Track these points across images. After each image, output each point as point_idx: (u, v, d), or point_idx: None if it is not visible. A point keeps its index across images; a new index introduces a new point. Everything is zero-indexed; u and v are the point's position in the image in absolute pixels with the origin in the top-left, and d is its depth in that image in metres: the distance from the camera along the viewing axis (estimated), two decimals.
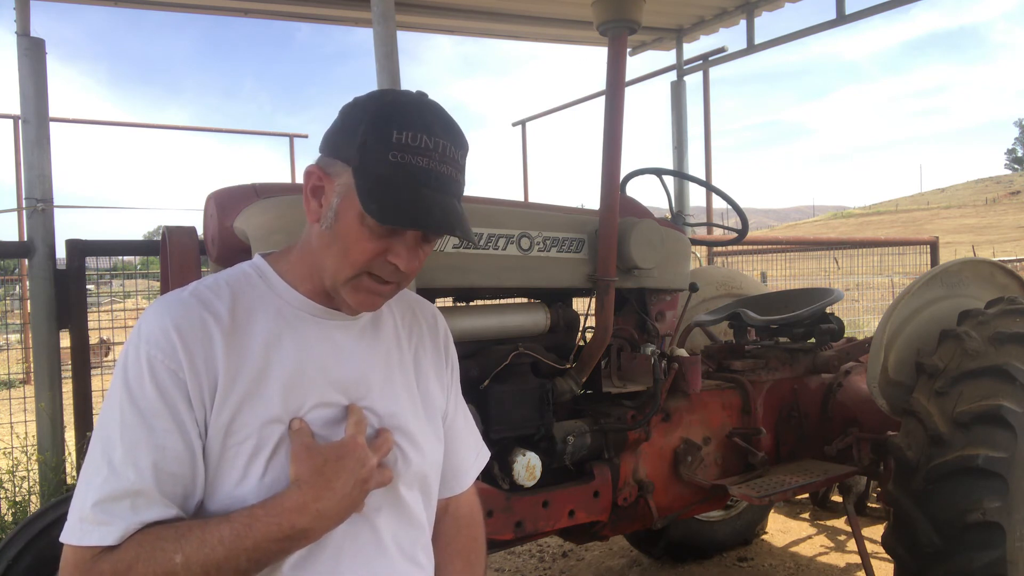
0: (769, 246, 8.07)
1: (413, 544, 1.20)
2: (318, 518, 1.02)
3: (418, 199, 1.04)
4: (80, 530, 0.98)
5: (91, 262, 4.23)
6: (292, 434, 1.06)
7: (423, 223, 1.05)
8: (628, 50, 3.72)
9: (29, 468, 3.66)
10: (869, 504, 4.07)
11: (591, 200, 2.81)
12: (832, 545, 3.80)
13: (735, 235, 3.25)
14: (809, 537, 3.93)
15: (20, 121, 3.81)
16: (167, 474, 1.00)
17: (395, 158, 1.04)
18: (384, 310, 1.25)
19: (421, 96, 1.11)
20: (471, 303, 2.56)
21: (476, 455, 1.41)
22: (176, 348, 1.03)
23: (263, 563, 1.01)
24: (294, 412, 1.08)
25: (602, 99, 2.35)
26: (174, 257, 2.06)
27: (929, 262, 7.11)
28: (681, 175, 4.19)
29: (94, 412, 3.60)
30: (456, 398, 1.36)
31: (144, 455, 1.00)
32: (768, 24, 5.54)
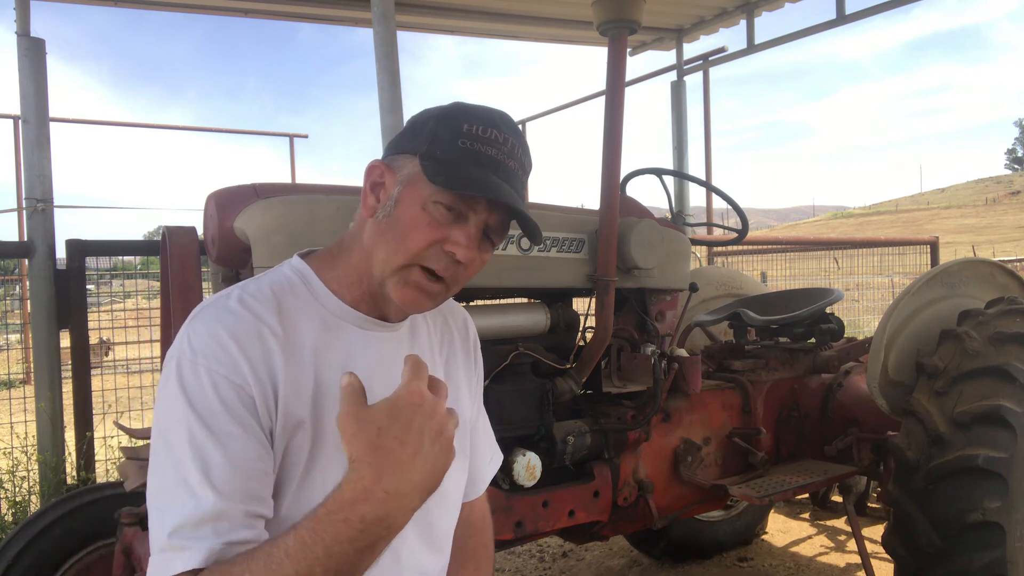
0: (769, 246, 8.07)
1: (438, 571, 1.19)
2: (389, 500, 0.85)
3: (487, 179, 1.02)
4: (162, 561, 0.91)
5: (91, 262, 4.23)
6: (342, 398, 0.89)
7: (492, 193, 1.01)
8: (628, 50, 3.72)
9: (29, 468, 3.66)
10: (869, 504, 4.07)
11: (591, 200, 2.80)
12: (832, 545, 3.80)
13: (735, 235, 3.25)
14: (809, 537, 3.93)
15: (20, 121, 3.81)
16: (248, 493, 0.95)
17: (464, 144, 1.03)
18: (420, 321, 1.21)
19: (499, 112, 1.11)
20: (471, 303, 2.56)
21: (490, 459, 1.39)
22: (238, 362, 0.97)
23: (346, 571, 0.86)
24: (338, 433, 1.06)
25: (602, 99, 2.36)
26: (174, 257, 2.06)
27: (929, 262, 7.11)
28: (681, 175, 4.20)
29: (94, 412, 3.60)
30: (479, 403, 1.35)
31: (221, 475, 0.93)
32: (768, 24, 5.54)
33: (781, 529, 4.04)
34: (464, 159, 1.03)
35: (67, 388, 3.54)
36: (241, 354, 0.98)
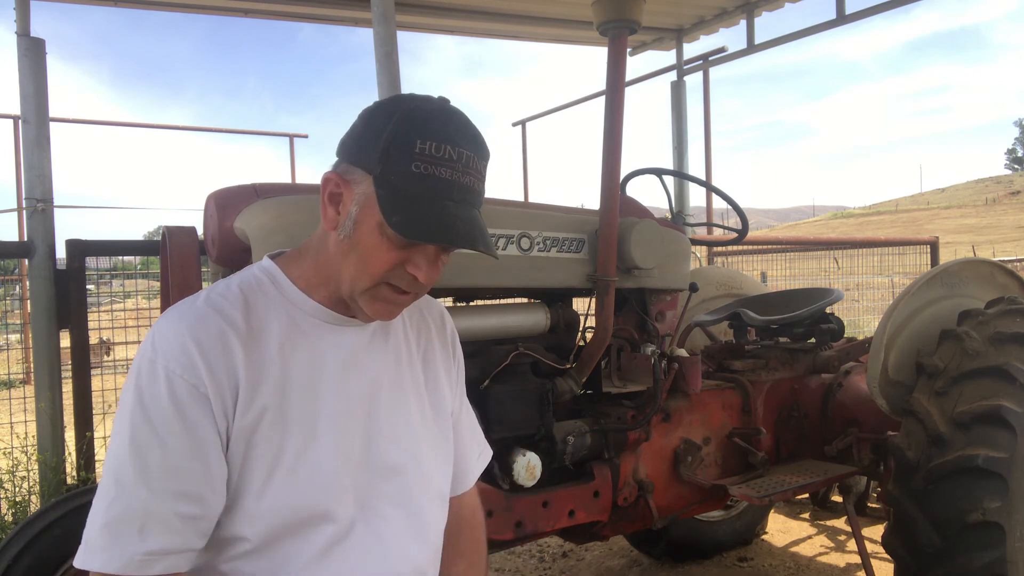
0: (769, 246, 8.07)
1: (426, 560, 1.19)
2: None
3: (441, 213, 1.02)
4: (84, 553, 0.97)
5: (91, 262, 4.23)
6: None
7: (446, 238, 1.02)
8: (628, 50, 3.72)
9: (29, 468, 3.66)
10: (869, 504, 4.07)
11: (591, 200, 2.81)
12: (832, 545, 3.80)
13: (735, 235, 3.25)
14: (809, 537, 3.93)
15: (20, 121, 3.81)
16: (182, 494, 0.98)
17: (418, 169, 1.01)
18: None
19: (443, 103, 1.08)
20: (471, 303, 2.56)
21: (479, 455, 1.40)
22: (196, 362, 1.00)
23: None
24: (309, 425, 1.07)
25: (602, 99, 2.36)
26: (174, 257, 2.06)
27: (929, 262, 7.11)
28: (681, 175, 4.19)
29: (94, 412, 3.60)
30: (461, 397, 1.36)
31: (157, 474, 0.97)
32: (768, 24, 5.54)
33: (781, 529, 4.04)
34: (419, 189, 1.01)
35: (67, 388, 3.54)
36: (199, 353, 1.00)
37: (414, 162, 1.01)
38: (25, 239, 3.57)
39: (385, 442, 1.14)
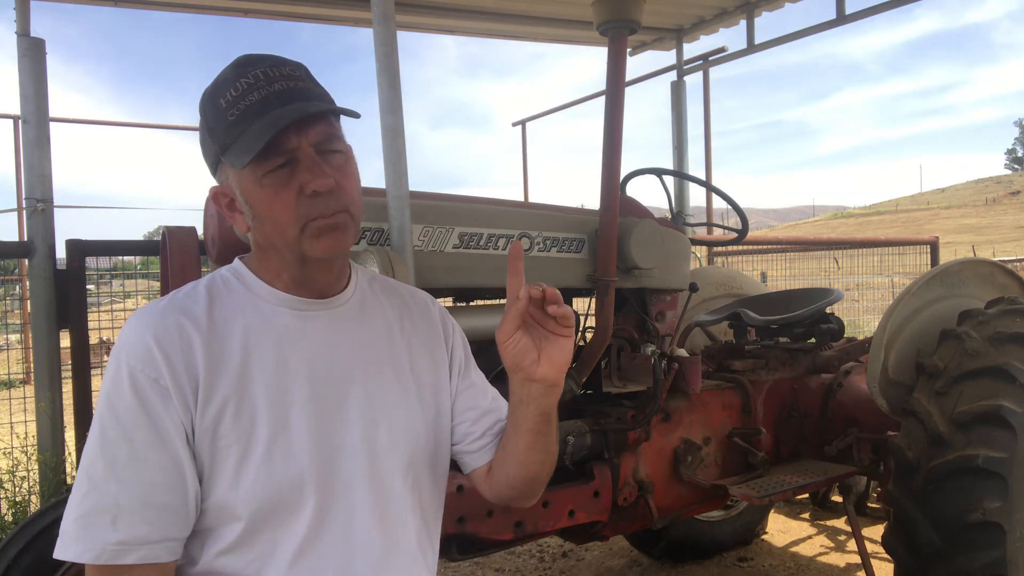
0: (769, 246, 8.07)
1: (407, 538, 1.19)
2: None
3: (266, 121, 1.04)
4: (60, 544, 1.00)
5: (91, 262, 4.23)
6: None
7: (273, 128, 1.03)
8: (628, 50, 3.72)
9: (29, 468, 3.66)
10: (869, 504, 4.07)
11: (591, 200, 2.81)
12: (832, 545, 3.80)
13: (735, 235, 3.25)
14: (809, 537, 3.93)
15: (20, 121, 3.81)
16: (150, 485, 1.01)
17: (233, 116, 1.05)
18: (372, 300, 1.24)
19: (236, 59, 1.12)
20: (471, 303, 2.56)
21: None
22: (155, 357, 1.02)
23: None
24: (281, 411, 1.07)
25: (602, 99, 2.36)
26: (174, 257, 2.06)
27: (929, 262, 7.11)
28: (681, 175, 4.19)
29: (94, 412, 3.60)
30: (466, 368, 1.34)
31: (125, 467, 1.00)
32: (768, 24, 5.53)
33: (781, 529, 4.04)
34: (243, 127, 1.05)
35: (67, 388, 3.54)
36: (158, 348, 1.03)
37: (228, 114, 1.06)
38: (25, 239, 3.57)
39: (361, 425, 1.14)
